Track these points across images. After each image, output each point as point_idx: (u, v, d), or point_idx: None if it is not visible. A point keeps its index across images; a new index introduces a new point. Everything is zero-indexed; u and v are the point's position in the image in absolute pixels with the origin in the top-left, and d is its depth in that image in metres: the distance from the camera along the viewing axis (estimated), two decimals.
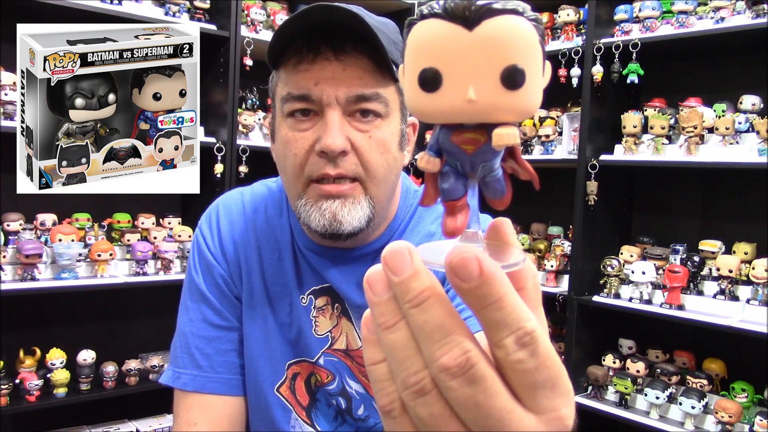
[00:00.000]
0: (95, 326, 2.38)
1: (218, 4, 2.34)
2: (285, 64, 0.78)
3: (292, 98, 0.77)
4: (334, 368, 0.88)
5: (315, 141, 0.76)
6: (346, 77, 0.75)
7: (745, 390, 1.88)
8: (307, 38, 0.75)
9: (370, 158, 0.77)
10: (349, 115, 0.77)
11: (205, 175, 2.37)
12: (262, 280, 0.90)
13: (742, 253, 1.94)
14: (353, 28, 0.74)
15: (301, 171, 0.78)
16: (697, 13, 2.03)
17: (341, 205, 0.77)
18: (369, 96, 0.76)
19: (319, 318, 0.88)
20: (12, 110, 1.92)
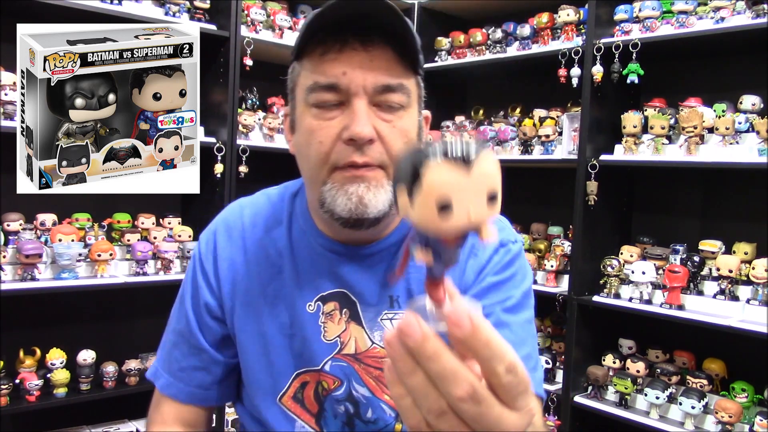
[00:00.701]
0: (95, 326, 2.38)
1: (218, 4, 2.34)
2: (310, 54, 0.79)
3: (319, 87, 0.78)
4: (342, 373, 0.88)
5: (342, 129, 0.77)
6: (373, 67, 0.77)
7: (745, 390, 1.88)
8: (334, 29, 0.76)
9: (395, 146, 0.79)
10: (374, 105, 0.79)
11: (205, 175, 2.37)
12: (261, 294, 0.90)
13: (742, 253, 1.94)
14: (379, 20, 0.75)
15: (326, 158, 0.79)
16: (697, 13, 2.03)
17: (367, 189, 0.78)
18: (394, 86, 0.78)
19: (327, 324, 0.88)
20: (12, 110, 1.92)
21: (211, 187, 2.37)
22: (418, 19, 2.83)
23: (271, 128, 2.48)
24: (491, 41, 2.59)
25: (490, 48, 2.59)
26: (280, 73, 3.14)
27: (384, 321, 0.88)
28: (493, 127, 2.57)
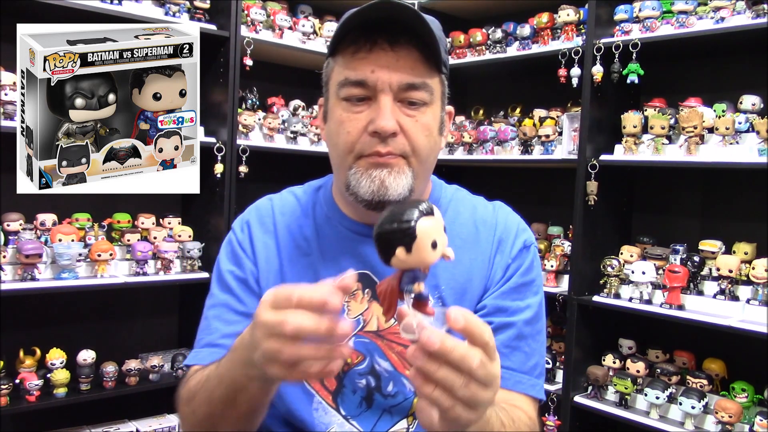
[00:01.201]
0: (95, 326, 2.38)
1: (218, 4, 2.34)
2: (343, 52, 0.88)
3: (349, 83, 0.86)
4: (365, 349, 0.94)
5: (368, 122, 0.86)
6: (399, 66, 0.85)
7: (745, 390, 1.88)
8: (365, 30, 0.85)
9: (416, 139, 0.88)
10: (399, 101, 0.87)
11: (205, 175, 2.37)
12: (290, 275, 0.97)
13: (742, 253, 1.94)
14: (407, 23, 0.83)
15: (353, 147, 0.88)
16: (697, 13, 2.03)
17: (388, 174, 0.87)
18: (418, 85, 0.87)
19: (350, 303, 0.95)
20: (12, 110, 1.92)
21: (211, 187, 2.37)
22: None
23: (271, 128, 2.48)
24: (491, 41, 2.59)
25: (490, 48, 2.59)
26: (280, 73, 3.15)
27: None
28: (493, 127, 2.57)
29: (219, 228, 2.33)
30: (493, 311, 0.95)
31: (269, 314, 0.61)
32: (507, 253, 0.97)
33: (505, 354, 0.92)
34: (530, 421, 0.91)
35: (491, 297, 0.95)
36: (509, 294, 0.95)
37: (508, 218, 1.02)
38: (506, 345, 0.93)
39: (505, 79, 2.89)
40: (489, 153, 2.56)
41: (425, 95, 0.88)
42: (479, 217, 1.01)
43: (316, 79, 3.00)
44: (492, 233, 0.99)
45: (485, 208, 1.03)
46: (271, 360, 0.62)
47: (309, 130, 2.59)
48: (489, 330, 0.59)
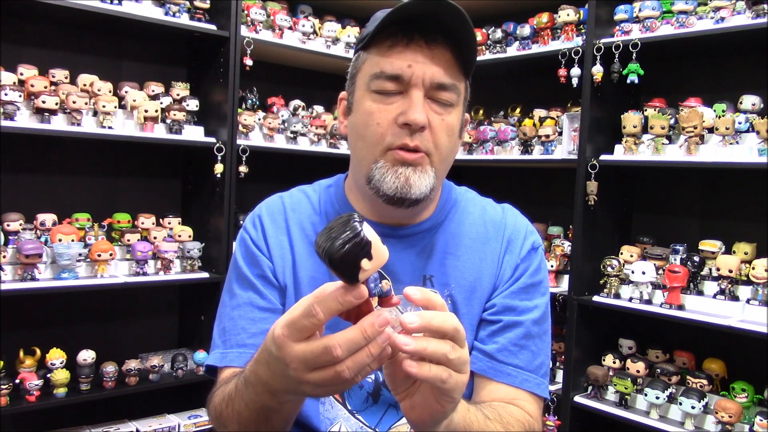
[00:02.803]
0: (95, 326, 2.38)
1: (218, 4, 2.34)
2: (378, 45, 0.88)
3: (384, 76, 0.87)
4: None
5: (399, 114, 0.87)
6: (433, 63, 0.87)
7: (745, 390, 1.88)
8: (402, 25, 0.86)
9: (441, 137, 0.89)
10: (428, 98, 0.88)
11: (205, 175, 2.38)
12: (302, 271, 0.98)
13: (742, 253, 1.94)
14: (444, 22, 0.84)
15: (381, 139, 0.88)
16: (697, 13, 2.03)
17: (413, 172, 0.88)
18: (448, 85, 0.88)
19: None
20: (12, 110, 1.92)
21: (211, 187, 2.37)
22: None
23: (271, 128, 2.48)
24: (491, 41, 2.59)
25: (490, 48, 2.59)
26: (280, 73, 3.16)
27: None
28: (493, 127, 2.57)
29: (219, 228, 2.33)
30: (501, 310, 0.96)
31: (300, 347, 0.60)
32: (516, 253, 0.99)
33: (513, 352, 0.94)
34: (532, 419, 0.92)
35: (500, 296, 0.97)
36: (518, 294, 0.97)
37: (516, 220, 1.04)
38: (514, 343, 0.95)
39: (505, 79, 2.89)
40: (489, 153, 2.56)
41: (453, 96, 0.89)
42: (489, 218, 1.03)
43: (316, 79, 3.03)
44: (501, 234, 1.01)
45: (494, 209, 1.05)
46: (322, 387, 0.62)
47: (309, 130, 2.59)
48: (453, 316, 0.63)
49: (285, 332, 0.61)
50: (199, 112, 2.36)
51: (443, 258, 0.98)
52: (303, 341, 0.60)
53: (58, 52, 2.25)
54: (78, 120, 2.04)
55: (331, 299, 0.59)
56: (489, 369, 0.94)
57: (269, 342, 0.65)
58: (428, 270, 0.97)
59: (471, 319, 0.97)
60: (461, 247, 0.99)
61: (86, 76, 2.17)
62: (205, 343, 2.37)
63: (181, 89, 2.38)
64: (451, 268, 0.97)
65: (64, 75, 2.14)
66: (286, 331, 0.61)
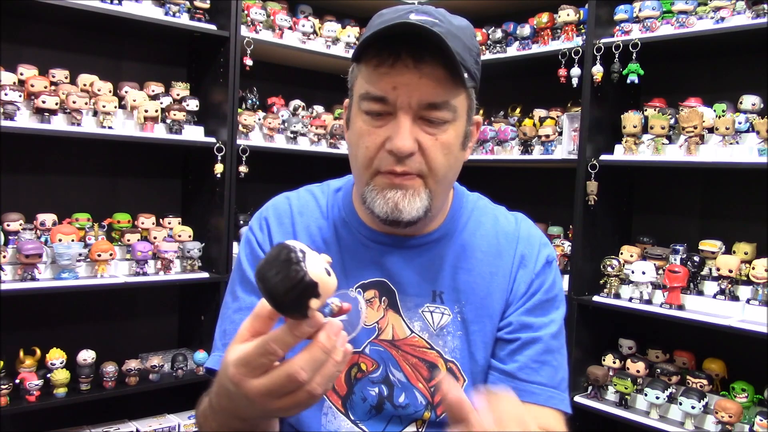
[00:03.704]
0: (95, 326, 2.38)
1: (218, 4, 2.34)
2: (366, 62, 0.84)
3: (370, 98, 0.84)
4: (379, 357, 0.93)
5: (386, 139, 0.84)
6: (421, 84, 0.82)
7: (745, 390, 1.88)
8: (389, 42, 0.81)
9: (434, 158, 0.85)
10: (420, 118, 0.84)
11: (205, 175, 2.38)
12: None
13: (742, 253, 1.94)
14: (432, 38, 0.79)
15: (370, 163, 0.86)
16: (697, 13, 2.03)
17: (403, 196, 0.85)
18: (439, 104, 0.83)
19: (367, 310, 0.94)
20: (12, 110, 1.92)
21: (211, 187, 2.37)
22: None
23: (271, 128, 2.48)
24: (491, 41, 2.59)
25: (490, 48, 2.59)
26: (280, 73, 3.16)
27: (425, 313, 0.94)
28: (493, 127, 2.57)
29: (219, 228, 2.33)
30: (518, 328, 0.94)
31: (261, 382, 0.58)
32: (530, 268, 0.96)
33: (534, 369, 0.92)
34: None
35: (516, 314, 0.95)
36: (533, 310, 0.95)
37: (530, 232, 1.00)
38: (535, 360, 0.92)
39: (504, 79, 2.89)
40: (489, 153, 2.56)
41: (447, 114, 0.85)
42: (501, 229, 0.99)
43: (316, 79, 3.03)
44: (514, 246, 0.97)
45: (507, 219, 1.01)
46: (295, 408, 0.60)
47: (309, 130, 2.59)
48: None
49: (241, 371, 0.58)
50: (199, 112, 2.36)
51: (454, 272, 0.95)
52: (262, 375, 0.58)
53: (58, 52, 2.25)
54: (78, 120, 2.04)
55: (286, 335, 0.57)
56: (513, 389, 0.90)
57: (224, 379, 0.62)
58: (438, 285, 0.94)
59: (483, 337, 0.94)
60: (472, 261, 0.96)
61: (86, 76, 2.17)
62: (205, 344, 2.37)
63: (181, 89, 2.38)
64: (462, 284, 0.94)
65: (64, 75, 2.14)
66: (242, 370, 0.58)
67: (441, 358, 0.93)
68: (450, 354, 0.93)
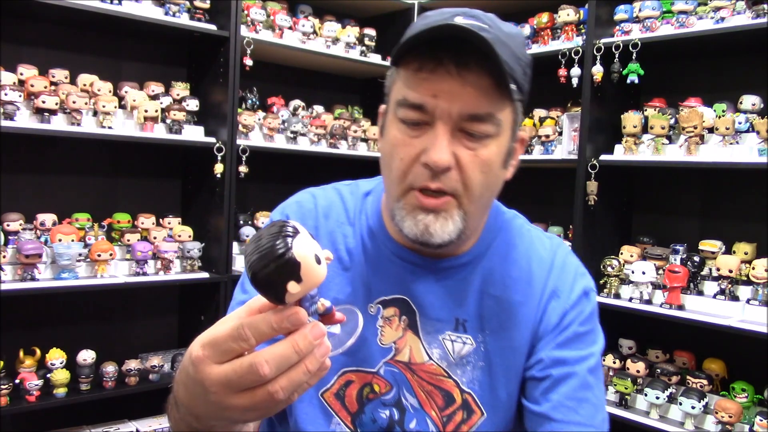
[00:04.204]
0: (95, 326, 2.38)
1: (218, 4, 2.34)
2: (406, 66, 0.78)
3: (407, 105, 0.78)
4: (393, 379, 0.88)
5: (421, 151, 0.77)
6: (463, 94, 0.75)
7: (745, 390, 1.88)
8: (431, 46, 0.75)
9: (471, 176, 0.78)
10: (460, 130, 0.77)
11: (205, 175, 2.38)
12: (325, 286, 0.88)
13: (742, 253, 1.94)
14: (478, 44, 0.72)
15: (404, 177, 0.79)
16: (697, 13, 2.03)
17: (434, 219, 0.78)
18: (482, 116, 0.76)
19: (385, 328, 0.88)
20: (12, 110, 1.92)
21: (211, 187, 2.37)
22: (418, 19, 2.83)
23: (271, 128, 2.48)
24: None
25: None
26: (280, 73, 3.16)
27: (446, 341, 0.88)
28: None
29: (219, 228, 2.33)
30: (550, 364, 0.86)
31: (222, 368, 0.52)
32: (564, 299, 0.89)
33: (571, 408, 0.83)
34: None
35: (547, 349, 0.87)
36: (567, 344, 0.87)
37: (566, 260, 0.92)
38: (571, 397, 0.84)
39: None
40: None
41: (490, 128, 0.77)
42: (535, 254, 0.91)
43: (316, 79, 3.03)
44: (546, 275, 0.90)
45: (542, 244, 0.93)
46: (251, 411, 0.54)
47: (309, 130, 2.59)
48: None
49: (206, 353, 0.53)
50: (199, 112, 2.36)
51: (480, 299, 0.88)
52: (225, 362, 0.52)
53: (58, 52, 2.25)
54: (78, 120, 2.04)
55: (263, 323, 0.51)
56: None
57: (187, 362, 0.56)
58: (462, 313, 0.88)
59: (506, 370, 0.87)
60: (500, 287, 0.89)
61: (86, 76, 2.17)
62: None
63: (181, 89, 2.38)
64: (487, 311, 0.88)
65: (64, 75, 2.14)
66: (207, 351, 0.53)
67: (457, 387, 0.88)
68: (468, 385, 0.88)
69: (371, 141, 2.71)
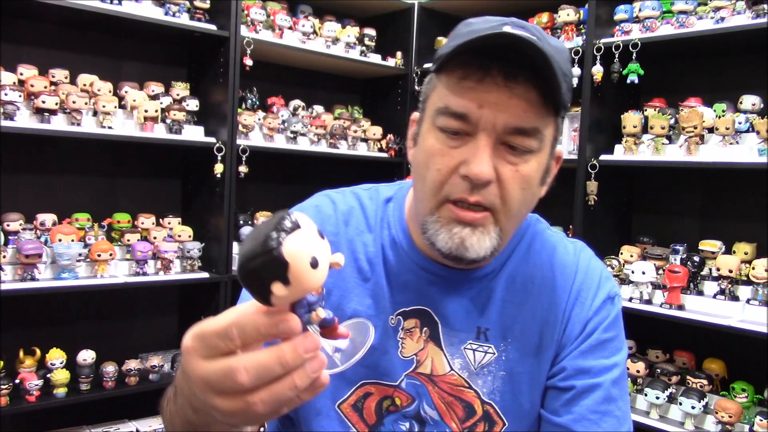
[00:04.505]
0: (95, 326, 2.38)
1: (218, 4, 2.34)
2: (449, 73, 0.75)
3: (449, 114, 0.74)
4: (414, 392, 0.86)
5: (461, 162, 0.74)
6: (510, 106, 0.72)
7: (745, 390, 1.88)
8: (477, 54, 0.72)
9: (511, 192, 0.75)
10: (502, 143, 0.74)
11: (205, 175, 2.38)
12: (345, 297, 0.87)
13: (742, 253, 1.94)
14: (529, 56, 0.70)
15: (440, 188, 0.76)
16: (697, 13, 2.03)
17: (471, 233, 0.76)
18: (528, 130, 0.74)
19: (406, 340, 0.86)
20: (12, 110, 1.92)
21: (211, 187, 2.37)
22: (418, 19, 2.83)
23: (271, 128, 2.48)
24: None
25: None
26: (280, 73, 3.16)
27: (467, 350, 0.86)
28: None
29: (219, 228, 2.33)
30: (573, 374, 0.84)
31: (204, 365, 0.48)
32: (588, 305, 0.86)
33: (593, 421, 0.81)
34: None
35: (570, 357, 0.85)
36: (590, 352, 0.84)
37: (590, 264, 0.90)
38: (594, 410, 0.81)
39: None
40: None
41: (533, 143, 0.75)
42: (558, 260, 0.89)
43: (316, 79, 3.03)
44: (570, 280, 0.88)
45: (565, 249, 0.91)
46: (231, 417, 0.49)
47: (309, 130, 2.59)
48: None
49: (195, 344, 0.48)
50: (199, 112, 2.36)
51: (502, 307, 0.86)
52: (211, 359, 0.48)
53: (58, 52, 2.25)
54: (78, 120, 2.04)
55: (251, 326, 0.46)
56: None
57: (183, 347, 0.52)
58: (483, 321, 0.86)
59: (529, 378, 0.85)
60: (523, 293, 0.87)
61: (86, 76, 2.17)
62: None
63: (181, 89, 2.38)
64: (509, 320, 0.86)
65: (64, 75, 2.14)
66: (196, 343, 0.48)
67: (478, 399, 0.86)
68: (488, 396, 0.86)
69: (371, 141, 2.71)
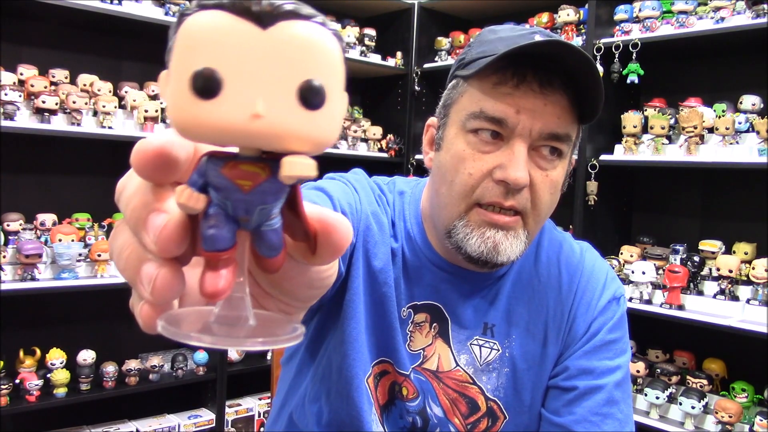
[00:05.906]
0: (95, 326, 2.38)
1: None
2: (482, 79, 0.76)
3: (484, 117, 0.75)
4: (420, 387, 0.86)
5: (495, 167, 0.75)
6: (546, 112, 0.74)
7: (745, 390, 1.88)
8: (514, 60, 0.73)
9: (541, 197, 0.77)
10: (533, 149, 0.76)
11: None
12: (369, 279, 0.85)
13: (742, 253, 1.94)
14: (564, 63, 0.72)
15: (470, 192, 0.76)
16: (697, 13, 2.03)
17: (504, 236, 0.76)
18: (561, 136, 0.76)
19: (414, 333, 0.86)
20: (12, 110, 1.92)
21: None
22: (418, 19, 2.83)
23: None
24: None
25: None
26: None
27: (473, 346, 0.87)
28: None
29: None
30: (576, 373, 0.84)
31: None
32: (593, 305, 0.87)
33: (594, 423, 0.82)
34: None
35: (574, 357, 0.85)
36: (595, 353, 0.85)
37: (595, 264, 0.91)
38: (596, 412, 0.82)
39: None
40: None
41: (564, 147, 0.77)
42: (564, 259, 0.90)
43: None
44: (576, 280, 0.88)
45: (571, 248, 0.92)
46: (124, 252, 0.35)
47: None
48: None
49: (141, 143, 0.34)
50: None
51: (508, 304, 0.87)
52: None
53: (58, 52, 2.25)
54: (78, 120, 2.04)
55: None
56: None
57: None
58: (490, 317, 0.86)
59: (532, 376, 0.86)
60: (529, 291, 0.88)
61: (86, 76, 2.17)
62: None
63: None
64: (515, 316, 0.86)
65: (64, 75, 2.14)
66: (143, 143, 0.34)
67: (482, 395, 0.86)
68: (493, 392, 0.86)
69: (371, 141, 2.71)
